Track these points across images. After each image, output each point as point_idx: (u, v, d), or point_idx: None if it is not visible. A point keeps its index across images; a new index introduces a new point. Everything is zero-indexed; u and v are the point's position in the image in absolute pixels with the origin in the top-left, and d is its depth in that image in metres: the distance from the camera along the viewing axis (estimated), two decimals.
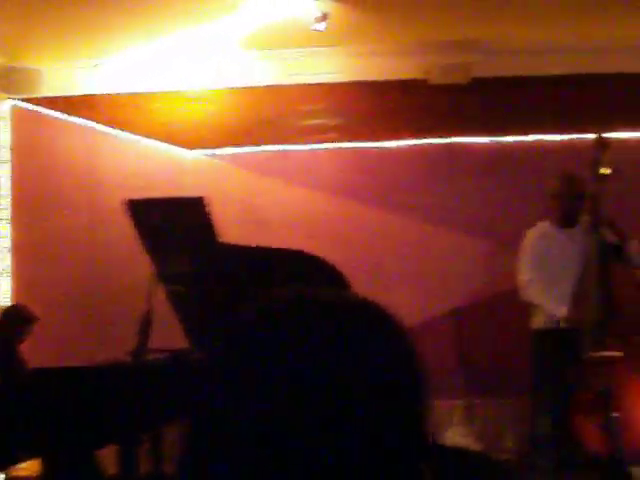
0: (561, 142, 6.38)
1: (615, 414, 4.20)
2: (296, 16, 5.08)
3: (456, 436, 6.04)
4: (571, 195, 4.91)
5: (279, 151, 6.44)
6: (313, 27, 5.03)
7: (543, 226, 5.10)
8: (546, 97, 6.18)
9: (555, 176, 5.08)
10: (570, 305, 4.72)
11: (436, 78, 5.86)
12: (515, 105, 6.20)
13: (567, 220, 4.98)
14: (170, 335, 4.00)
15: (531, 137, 6.54)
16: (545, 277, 4.89)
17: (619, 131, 6.34)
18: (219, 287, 3.94)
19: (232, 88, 5.93)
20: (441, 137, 6.46)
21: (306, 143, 6.37)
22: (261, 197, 6.40)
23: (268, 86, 5.85)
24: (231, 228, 4.60)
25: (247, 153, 6.47)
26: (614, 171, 4.61)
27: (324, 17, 5.00)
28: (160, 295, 4.03)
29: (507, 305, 5.39)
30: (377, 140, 6.40)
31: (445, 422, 6.24)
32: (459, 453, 5.42)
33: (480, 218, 6.39)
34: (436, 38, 5.66)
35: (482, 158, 6.47)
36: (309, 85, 5.90)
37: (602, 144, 4.66)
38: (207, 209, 3.85)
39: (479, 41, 5.72)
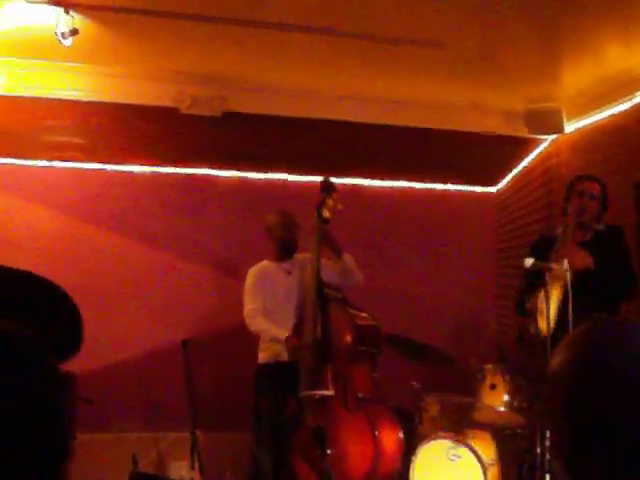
0: (306, 183, 6.57)
1: (328, 451, 4.35)
2: (44, 27, 4.82)
3: (181, 469, 5.99)
4: (281, 229, 5.17)
5: (15, 165, 6.07)
6: (60, 41, 4.80)
7: (262, 264, 5.30)
8: (295, 138, 6.34)
9: (268, 213, 5.33)
10: (292, 331, 4.91)
11: (188, 108, 5.84)
12: (264, 143, 6.31)
13: (282, 253, 5.22)
14: None
15: (278, 175, 6.70)
16: (268, 308, 5.05)
17: (355, 177, 6.72)
18: None
19: None
20: (188, 167, 6.44)
21: (46, 159, 6.08)
22: None
23: (5, 96, 5.49)
24: None
25: None
26: (338, 214, 4.87)
27: (74, 32, 4.79)
28: None
29: (238, 339, 5.43)
30: (121, 164, 6.25)
31: (170, 454, 6.17)
32: None
33: (219, 250, 6.43)
34: (190, 69, 5.63)
35: (227, 191, 6.53)
36: (53, 100, 5.60)
37: (327, 187, 4.89)
38: None
39: (234, 77, 5.77)
